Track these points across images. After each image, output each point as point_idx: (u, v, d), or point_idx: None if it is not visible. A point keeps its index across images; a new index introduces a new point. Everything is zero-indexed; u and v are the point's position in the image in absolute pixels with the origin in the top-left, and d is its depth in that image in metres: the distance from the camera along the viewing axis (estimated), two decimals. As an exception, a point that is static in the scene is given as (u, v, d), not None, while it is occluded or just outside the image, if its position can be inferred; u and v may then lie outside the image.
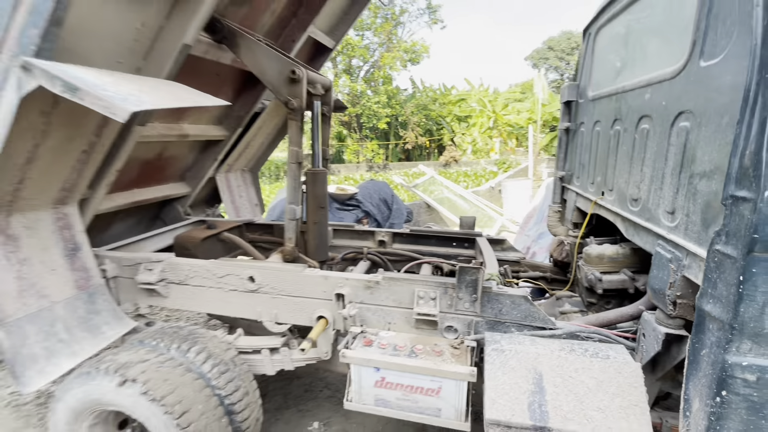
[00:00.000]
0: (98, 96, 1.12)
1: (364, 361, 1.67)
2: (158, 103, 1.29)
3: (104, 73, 1.35)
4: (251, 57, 2.04)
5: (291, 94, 2.00)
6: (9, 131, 1.24)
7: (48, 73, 1.15)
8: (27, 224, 1.64)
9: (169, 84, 1.64)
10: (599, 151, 2.16)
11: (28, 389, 1.66)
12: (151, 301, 2.22)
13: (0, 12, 1.14)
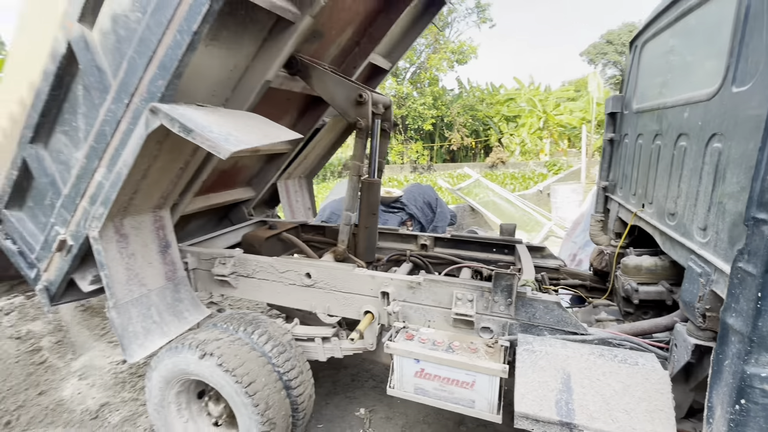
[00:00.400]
0: (206, 137, 1.43)
1: (405, 353, 1.87)
2: (252, 142, 1.58)
3: (207, 112, 1.66)
4: (322, 85, 2.29)
5: (359, 115, 2.23)
6: (135, 158, 1.61)
7: (169, 116, 1.47)
8: (134, 225, 2.02)
9: (254, 118, 1.92)
10: (641, 164, 2.19)
11: (132, 359, 2.04)
12: (223, 290, 2.57)
13: (137, 67, 1.49)
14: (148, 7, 1.45)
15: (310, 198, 3.62)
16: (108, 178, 1.73)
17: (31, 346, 3.04)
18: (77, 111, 1.72)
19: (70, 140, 1.77)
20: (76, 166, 1.78)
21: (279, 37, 1.90)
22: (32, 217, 2.12)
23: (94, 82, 1.60)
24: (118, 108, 1.60)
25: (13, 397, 2.75)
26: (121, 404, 2.82)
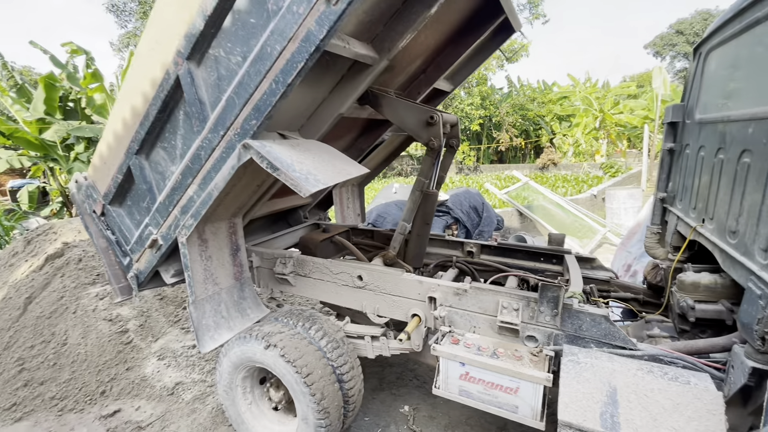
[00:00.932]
0: (290, 176, 1.63)
1: (451, 356, 1.97)
2: (327, 181, 1.76)
3: (290, 147, 1.85)
4: (392, 112, 2.42)
5: (430, 135, 2.34)
6: (226, 183, 1.86)
7: (260, 154, 1.68)
8: (213, 231, 2.29)
9: (327, 151, 2.08)
10: (702, 177, 2.11)
11: (204, 350, 2.29)
12: (282, 287, 2.82)
13: (235, 106, 1.73)
14: (249, 55, 1.65)
15: (360, 205, 3.81)
16: (199, 195, 2.00)
17: (120, 327, 3.50)
18: (177, 132, 2.00)
19: (168, 156, 2.07)
20: (172, 179, 2.07)
21: (356, 77, 2.08)
22: (129, 214, 2.46)
23: (195, 112, 1.85)
24: (214, 137, 1.84)
25: (106, 371, 3.20)
26: (192, 384, 3.18)
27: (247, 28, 1.64)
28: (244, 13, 1.62)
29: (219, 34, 1.70)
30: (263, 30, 1.60)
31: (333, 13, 1.44)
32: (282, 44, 1.56)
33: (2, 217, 8.53)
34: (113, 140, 2.21)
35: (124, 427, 2.76)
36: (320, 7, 1.45)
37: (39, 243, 4.26)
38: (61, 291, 3.66)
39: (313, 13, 1.47)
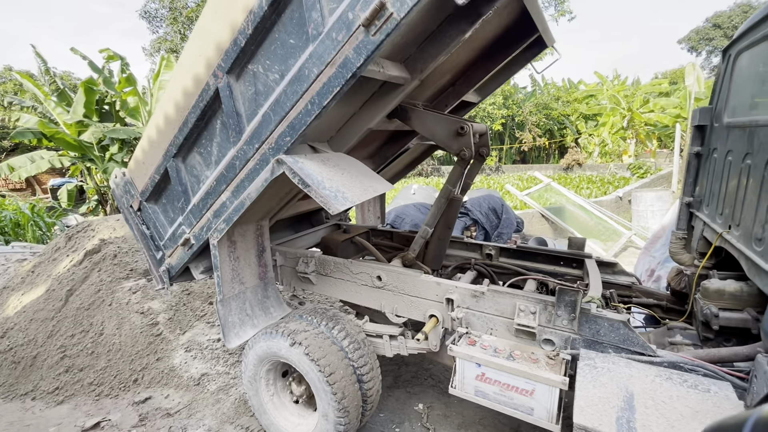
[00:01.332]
0: (320, 193, 1.70)
1: (467, 357, 2.01)
2: (355, 200, 1.82)
3: (320, 162, 1.92)
4: (421, 124, 2.43)
5: (461, 145, 2.34)
6: (259, 194, 1.96)
7: (292, 170, 1.77)
8: (241, 233, 2.40)
9: (355, 166, 2.13)
10: (729, 182, 2.07)
11: (229, 346, 2.41)
12: (304, 286, 2.91)
13: (270, 123, 1.82)
14: (286, 74, 1.73)
15: (381, 207, 3.88)
16: (232, 202, 2.10)
17: (151, 320, 3.69)
18: (213, 140, 2.11)
19: (204, 161, 2.19)
20: (206, 183, 2.19)
21: (387, 95, 2.12)
22: (164, 212, 2.60)
23: (232, 123, 1.94)
24: (249, 149, 1.94)
25: (138, 360, 3.39)
26: (217, 376, 3.33)
27: (286, 48, 1.71)
28: (284, 33, 1.69)
29: (259, 51, 1.78)
30: (302, 51, 1.66)
31: (371, 43, 1.48)
32: (319, 68, 1.61)
33: (44, 215, 9.07)
34: (153, 141, 2.34)
35: (154, 413, 2.92)
36: (359, 36, 1.49)
37: (78, 239, 4.54)
38: (98, 284, 3.90)
39: (351, 41, 1.51)
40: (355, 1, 1.47)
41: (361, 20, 1.45)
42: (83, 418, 2.91)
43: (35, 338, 3.54)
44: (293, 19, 1.65)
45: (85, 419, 2.88)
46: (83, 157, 10.54)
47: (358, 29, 1.48)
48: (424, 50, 1.99)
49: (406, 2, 1.37)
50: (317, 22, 1.56)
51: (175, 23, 17.65)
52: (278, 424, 2.50)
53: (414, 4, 1.36)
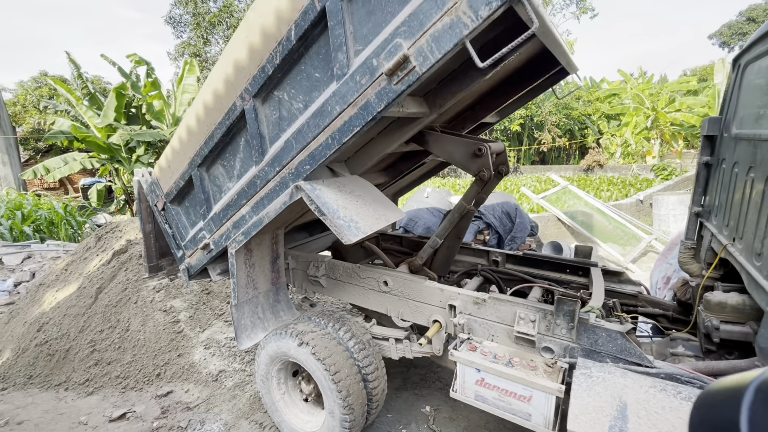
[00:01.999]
0: (335, 223, 1.80)
1: (468, 362, 2.08)
2: (367, 230, 1.90)
3: (336, 189, 2.01)
4: (438, 147, 2.48)
5: (480, 166, 2.37)
6: (277, 215, 2.08)
7: (309, 197, 1.87)
8: (258, 242, 2.53)
9: (370, 192, 2.20)
10: (735, 194, 2.06)
11: (241, 347, 2.56)
12: (314, 288, 3.03)
13: (292, 150, 1.91)
14: (310, 105, 1.81)
15: (392, 216, 3.97)
16: (251, 216, 2.22)
17: (173, 318, 3.90)
18: (236, 155, 2.23)
19: (226, 173, 2.32)
20: (228, 194, 2.31)
21: (405, 125, 2.20)
22: (186, 214, 2.75)
23: (255, 144, 2.05)
24: (270, 171, 2.05)
25: (161, 356, 3.59)
26: (233, 373, 3.49)
27: (311, 80, 1.79)
28: (310, 66, 1.77)
29: (285, 80, 1.87)
30: (326, 86, 1.74)
31: (393, 91, 1.53)
32: (342, 107, 1.69)
33: (76, 214, 9.56)
34: (179, 148, 2.47)
35: (175, 406, 3.11)
36: (381, 83, 1.55)
37: (107, 239, 4.81)
38: (125, 283, 4.13)
39: (374, 87, 1.57)
40: (380, 49, 1.52)
41: (384, 69, 1.51)
42: (111, 408, 3.12)
43: (68, 332, 3.80)
44: (320, 55, 1.73)
45: (112, 410, 3.09)
46: (112, 159, 11.04)
47: (381, 76, 1.54)
48: (445, 87, 2.05)
49: (429, 59, 1.42)
50: (342, 63, 1.63)
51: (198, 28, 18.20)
52: (289, 421, 2.63)
53: (436, 60, 1.41)
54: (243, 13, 18.29)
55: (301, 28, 1.68)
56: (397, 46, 1.47)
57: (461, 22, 1.34)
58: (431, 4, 1.38)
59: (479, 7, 1.30)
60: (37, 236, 8.49)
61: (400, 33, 1.47)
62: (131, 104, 11.33)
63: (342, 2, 1.56)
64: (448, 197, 6.98)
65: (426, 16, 1.40)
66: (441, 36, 1.39)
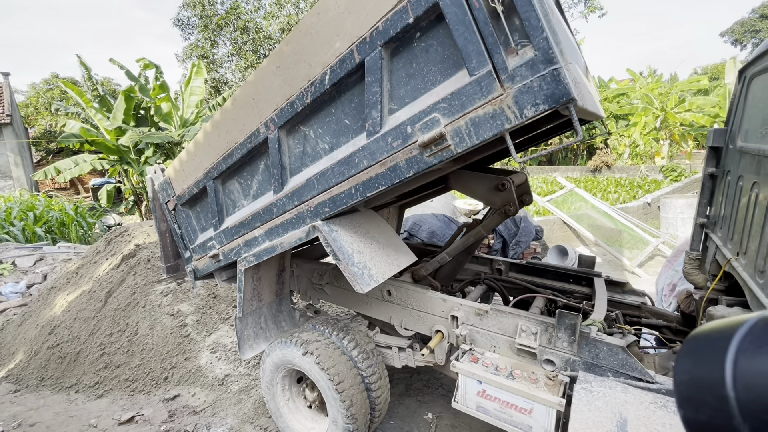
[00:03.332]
0: (349, 270, 1.82)
1: (469, 373, 2.09)
2: (379, 278, 1.92)
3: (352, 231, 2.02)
4: (460, 184, 2.48)
5: (504, 200, 2.36)
6: (290, 247, 2.09)
7: (325, 239, 1.88)
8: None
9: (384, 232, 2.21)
10: (740, 208, 2.05)
11: (244, 357, 2.62)
12: (318, 295, 3.07)
13: (313, 189, 1.89)
14: (336, 148, 1.81)
15: (398, 224, 3.98)
16: (264, 240, 2.24)
17: (180, 322, 3.96)
18: (254, 177, 2.24)
19: (242, 190, 2.34)
20: (241, 212, 2.34)
21: (430, 174, 2.15)
22: (197, 219, 2.79)
23: (276, 174, 2.05)
24: (288, 203, 2.05)
25: (169, 359, 3.66)
26: (239, 377, 3.54)
27: (340, 125, 1.78)
28: (340, 112, 1.76)
29: (313, 118, 1.86)
30: (355, 135, 1.72)
31: (424, 162, 1.51)
32: (369, 162, 1.66)
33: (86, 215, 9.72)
34: (195, 155, 2.48)
35: (182, 410, 3.17)
36: (413, 150, 1.52)
37: (116, 244, 4.90)
38: (134, 287, 4.21)
39: (405, 152, 1.55)
40: (416, 118, 1.49)
41: (419, 140, 1.48)
42: (119, 411, 3.19)
43: (78, 335, 3.88)
44: (352, 103, 1.71)
45: (121, 413, 3.16)
46: (121, 160, 11.21)
47: (414, 144, 1.51)
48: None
49: (466, 141, 1.40)
50: (375, 120, 1.61)
51: (205, 30, 18.35)
52: (293, 427, 2.67)
53: (473, 145, 1.40)
54: (249, 16, 18.41)
55: (336, 75, 1.66)
56: (435, 121, 1.44)
57: (504, 116, 1.32)
58: (476, 88, 1.35)
59: (525, 106, 1.27)
60: (49, 237, 8.66)
61: (439, 108, 1.44)
62: (140, 107, 11.49)
63: (382, 60, 1.53)
64: (452, 201, 6.98)
65: (468, 99, 1.37)
66: (481, 123, 1.37)
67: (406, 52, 1.55)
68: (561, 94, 1.24)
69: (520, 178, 2.55)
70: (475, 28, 1.33)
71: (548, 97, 1.26)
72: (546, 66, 1.24)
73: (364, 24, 1.57)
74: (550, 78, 1.24)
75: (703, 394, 0.44)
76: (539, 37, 1.24)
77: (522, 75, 1.29)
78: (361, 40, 1.59)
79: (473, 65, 1.36)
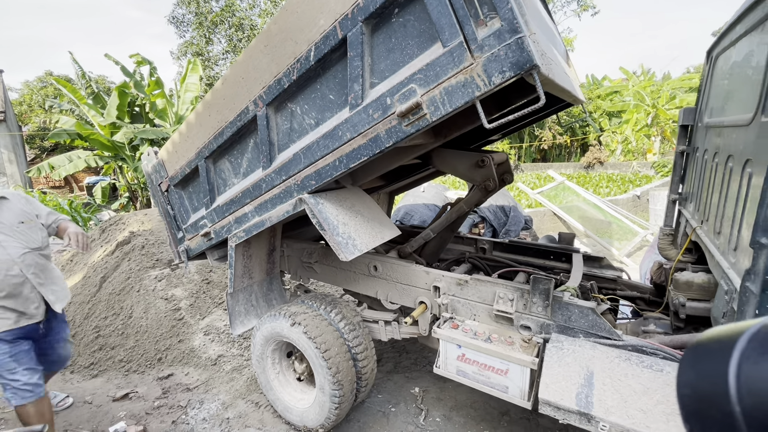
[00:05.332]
0: (333, 239, 1.92)
1: (449, 339, 2.20)
2: (363, 248, 2.01)
3: (338, 203, 2.11)
4: (442, 162, 2.58)
5: (484, 176, 2.46)
6: (278, 221, 2.18)
7: (311, 210, 1.98)
8: (257, 235, 2.60)
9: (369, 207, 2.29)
10: (704, 180, 2.17)
11: (235, 333, 2.70)
12: (308, 275, 3.16)
13: (300, 163, 1.97)
14: (321, 123, 1.90)
15: (387, 209, 4.07)
16: (254, 216, 2.33)
17: (174, 306, 4.03)
18: (244, 155, 2.32)
19: (233, 168, 2.42)
20: (232, 190, 2.42)
21: (412, 148, 2.30)
22: (189, 199, 2.86)
23: (264, 150, 2.14)
24: (276, 178, 2.13)
25: (163, 341, 3.73)
26: (232, 357, 3.63)
27: (325, 100, 1.86)
28: (325, 88, 1.83)
29: (299, 95, 1.93)
30: (339, 109, 1.80)
31: (402, 131, 1.60)
32: (352, 134, 1.75)
33: (81, 210, 9.74)
34: (187, 134, 2.55)
35: (175, 387, 3.24)
36: (392, 121, 1.61)
37: (111, 231, 4.96)
38: (128, 272, 4.28)
39: (385, 123, 1.63)
40: (395, 90, 1.57)
41: (397, 110, 1.56)
42: (114, 389, 3.26)
43: (74, 319, 3.94)
44: (336, 78, 1.79)
45: (116, 390, 3.23)
46: (116, 157, 11.22)
47: (393, 115, 1.60)
48: (452, 120, 2.13)
49: (440, 110, 1.49)
50: (357, 93, 1.69)
51: (200, 28, 18.37)
52: (283, 398, 2.76)
53: (447, 113, 1.49)
54: (244, 13, 18.45)
55: (321, 51, 1.73)
56: (412, 92, 1.52)
57: (474, 83, 1.40)
58: (449, 58, 1.42)
59: (493, 74, 1.36)
60: (43, 232, 8.66)
61: (416, 79, 1.52)
62: (135, 103, 11.50)
63: (363, 36, 1.61)
64: (444, 192, 7.08)
65: (442, 69, 1.45)
66: (454, 92, 1.45)
67: (386, 27, 1.64)
68: (525, 60, 1.33)
69: (500, 157, 2.65)
70: (447, 2, 1.43)
71: (513, 64, 1.35)
72: (511, 35, 1.34)
73: (346, 1, 1.67)
74: (515, 46, 1.34)
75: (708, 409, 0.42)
76: (505, 8, 1.34)
77: (490, 44, 1.38)
78: (344, 16, 1.68)
79: (446, 37, 1.46)
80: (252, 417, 2.87)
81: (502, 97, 2.21)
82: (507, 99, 2.20)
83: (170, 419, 2.86)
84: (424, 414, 2.82)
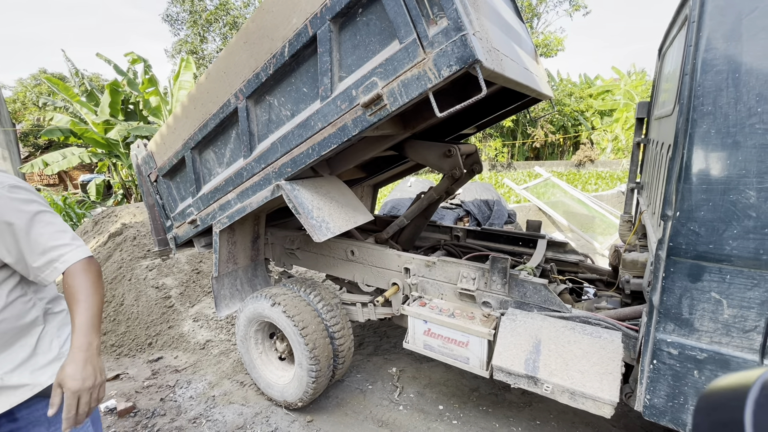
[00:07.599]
0: (308, 222, 2.08)
1: (416, 315, 2.37)
2: (336, 231, 2.14)
3: (313, 189, 2.26)
4: (413, 152, 2.76)
5: (452, 165, 2.63)
6: (259, 207, 2.34)
7: (287, 196, 2.14)
8: (241, 221, 2.74)
9: (344, 194, 2.45)
10: (651, 167, 2.35)
11: (220, 315, 2.86)
12: (291, 261, 3.32)
13: (277, 152, 2.14)
14: (296, 114, 2.04)
15: (371, 202, 4.24)
16: (236, 203, 2.48)
17: (165, 294, 4.18)
18: (227, 145, 2.48)
19: (217, 158, 2.57)
20: (216, 179, 2.57)
21: (384, 139, 2.46)
22: (177, 189, 3.00)
23: (245, 140, 2.29)
24: (256, 166, 2.30)
25: (153, 327, 3.88)
26: (220, 342, 3.78)
27: (299, 93, 2.01)
28: (299, 81, 1.99)
29: (276, 88, 2.08)
30: (312, 101, 1.95)
31: (366, 121, 1.75)
32: (323, 124, 1.90)
33: (75, 206, 9.84)
34: (174, 128, 2.69)
35: (165, 369, 3.40)
36: (358, 111, 1.76)
37: (103, 224, 5.09)
38: (120, 262, 4.42)
39: (351, 113, 1.78)
40: (359, 82, 1.73)
41: (360, 101, 1.72)
42: (105, 372, 3.41)
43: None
44: (308, 72, 1.94)
45: (107, 372, 3.37)
46: (110, 154, 11.31)
47: (358, 106, 1.75)
48: (418, 112, 2.30)
49: (398, 101, 1.64)
50: (327, 86, 1.84)
51: (195, 26, 18.44)
52: (265, 376, 2.92)
53: (404, 103, 1.65)
54: (239, 11, 18.53)
55: (294, 48, 1.88)
56: (374, 84, 1.68)
57: (426, 76, 1.56)
58: (404, 54, 1.58)
59: (442, 67, 1.51)
60: (37, 227, 8.74)
61: (377, 72, 1.67)
62: (129, 101, 11.59)
63: (331, 33, 1.76)
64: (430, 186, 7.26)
65: (399, 63, 1.60)
66: (410, 84, 1.60)
67: (351, 25, 1.81)
68: (468, 55, 1.50)
69: (468, 148, 2.82)
70: (402, 3, 1.60)
71: (459, 58, 1.52)
72: (456, 32, 1.51)
73: (315, 1, 1.83)
74: (460, 42, 1.51)
75: None
76: (451, 8, 1.51)
77: (439, 41, 1.55)
78: (314, 15, 1.84)
79: (402, 34, 1.63)
80: (236, 394, 3.03)
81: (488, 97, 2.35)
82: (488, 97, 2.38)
83: (158, 397, 3.02)
84: (399, 391, 2.99)
